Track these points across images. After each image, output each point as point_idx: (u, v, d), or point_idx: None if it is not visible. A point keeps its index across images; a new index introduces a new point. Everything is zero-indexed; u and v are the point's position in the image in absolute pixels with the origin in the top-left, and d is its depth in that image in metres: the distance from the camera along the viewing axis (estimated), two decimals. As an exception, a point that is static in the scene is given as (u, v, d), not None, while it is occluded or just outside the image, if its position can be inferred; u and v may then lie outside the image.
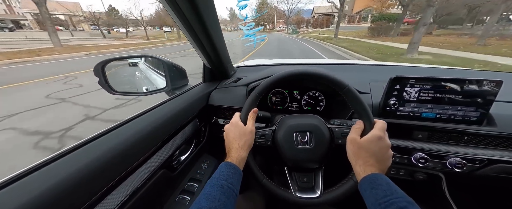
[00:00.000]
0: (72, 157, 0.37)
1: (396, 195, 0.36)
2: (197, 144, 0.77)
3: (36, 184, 0.31)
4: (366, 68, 1.00)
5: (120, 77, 1.06)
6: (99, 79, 0.65)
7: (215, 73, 0.93)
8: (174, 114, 0.63)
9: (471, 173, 0.57)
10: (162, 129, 0.56)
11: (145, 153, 0.49)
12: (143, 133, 0.50)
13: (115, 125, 0.49)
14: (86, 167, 0.36)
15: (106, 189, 0.39)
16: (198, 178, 0.72)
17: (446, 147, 0.59)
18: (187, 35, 0.61)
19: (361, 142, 0.45)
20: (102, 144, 0.42)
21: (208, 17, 0.54)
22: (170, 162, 0.61)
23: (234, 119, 0.55)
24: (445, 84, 0.55)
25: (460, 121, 0.57)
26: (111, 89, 0.68)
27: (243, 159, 0.49)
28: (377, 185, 0.38)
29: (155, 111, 0.60)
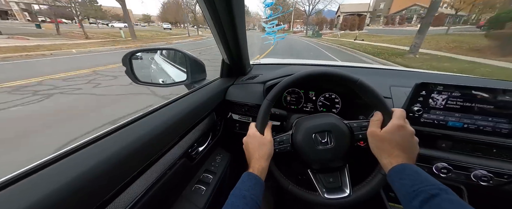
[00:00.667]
0: (94, 147, 0.37)
1: (426, 183, 0.34)
2: (213, 136, 0.79)
3: (68, 169, 0.32)
4: (386, 72, 0.97)
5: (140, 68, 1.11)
6: (126, 69, 0.69)
7: (232, 69, 0.94)
8: (194, 107, 0.64)
9: (498, 188, 0.55)
10: (184, 121, 0.58)
11: (169, 143, 0.51)
12: (169, 123, 0.52)
13: (142, 114, 0.51)
14: (115, 154, 0.37)
15: (132, 177, 0.40)
16: (213, 170, 0.74)
17: (471, 159, 0.57)
18: (213, 30, 0.63)
19: (382, 134, 0.44)
20: (130, 133, 0.43)
21: (237, 14, 0.55)
22: (190, 152, 0.64)
23: (251, 130, 0.55)
24: (476, 93, 0.53)
25: (490, 132, 0.54)
26: (136, 79, 0.71)
27: (264, 169, 0.49)
28: (405, 175, 0.37)
29: (177, 103, 0.63)
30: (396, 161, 0.41)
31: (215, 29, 0.61)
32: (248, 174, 0.47)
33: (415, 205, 0.33)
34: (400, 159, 0.41)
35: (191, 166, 0.64)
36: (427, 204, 0.31)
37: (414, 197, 0.33)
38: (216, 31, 0.62)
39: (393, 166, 0.40)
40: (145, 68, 1.67)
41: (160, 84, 0.80)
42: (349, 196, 0.50)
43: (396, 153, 0.42)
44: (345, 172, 0.55)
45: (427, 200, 0.32)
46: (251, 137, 0.54)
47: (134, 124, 0.46)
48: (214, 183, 0.69)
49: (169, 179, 0.52)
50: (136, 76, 0.71)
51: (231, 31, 0.61)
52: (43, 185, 0.28)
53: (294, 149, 0.55)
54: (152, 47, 0.73)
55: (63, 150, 0.35)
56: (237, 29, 0.61)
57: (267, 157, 0.51)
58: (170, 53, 1.32)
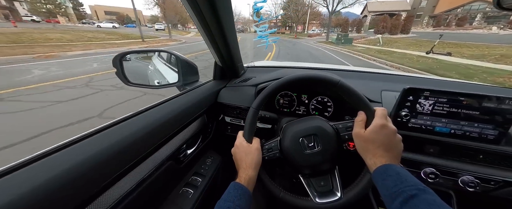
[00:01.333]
0: (84, 144, 0.38)
1: (406, 183, 0.34)
2: (203, 139, 0.79)
3: (53, 166, 0.32)
4: (378, 76, 0.97)
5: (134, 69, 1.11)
6: (117, 70, 0.69)
7: (225, 72, 0.95)
8: (184, 108, 0.64)
9: (485, 194, 0.55)
10: (172, 122, 0.58)
11: (154, 144, 0.51)
12: (155, 125, 0.52)
13: (128, 115, 0.51)
14: (97, 154, 0.37)
15: (115, 177, 0.40)
16: (202, 173, 0.73)
17: (459, 164, 0.57)
18: (202, 33, 0.63)
19: (366, 135, 0.45)
20: (115, 133, 0.43)
21: (225, 16, 0.56)
22: (177, 155, 0.63)
23: (238, 140, 0.55)
24: (462, 98, 0.53)
25: (476, 138, 0.54)
26: (127, 80, 0.72)
27: (252, 178, 0.49)
28: (387, 176, 0.37)
29: (166, 104, 0.62)
30: (379, 161, 0.41)
31: (203, 32, 0.62)
32: (234, 184, 0.46)
33: (396, 206, 0.33)
34: (383, 160, 0.41)
35: (179, 169, 0.63)
36: (406, 205, 0.31)
37: (395, 198, 0.33)
38: (205, 34, 0.62)
39: (377, 166, 0.40)
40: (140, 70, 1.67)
41: (151, 86, 0.80)
42: (340, 199, 0.50)
43: (380, 153, 0.42)
44: (335, 174, 0.54)
45: (407, 200, 0.32)
46: (237, 147, 0.54)
47: (121, 124, 0.47)
48: (203, 186, 0.68)
49: (154, 181, 0.52)
50: (127, 77, 0.71)
51: (219, 34, 0.62)
52: (27, 181, 0.29)
53: (283, 155, 0.55)
54: (143, 49, 0.74)
55: (48, 147, 0.35)
56: (225, 31, 0.61)
57: (254, 166, 0.50)
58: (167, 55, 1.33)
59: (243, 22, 67.13)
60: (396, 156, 0.43)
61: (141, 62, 1.70)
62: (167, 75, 1.18)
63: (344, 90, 0.50)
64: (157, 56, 1.78)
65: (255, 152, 0.52)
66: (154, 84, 1.19)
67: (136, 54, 0.85)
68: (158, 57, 1.75)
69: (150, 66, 1.79)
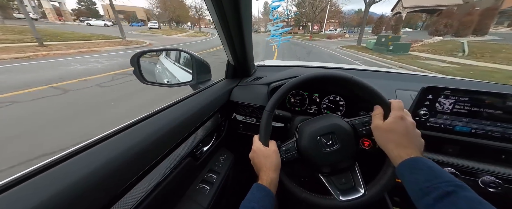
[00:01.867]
0: (98, 149, 0.37)
1: (441, 179, 0.32)
2: (217, 137, 0.80)
3: (72, 170, 0.31)
4: (392, 76, 0.96)
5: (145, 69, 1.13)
6: (134, 69, 0.70)
7: (237, 71, 0.95)
8: (200, 107, 0.65)
9: (507, 195, 0.54)
10: (189, 121, 0.59)
11: (173, 144, 0.52)
12: (175, 123, 0.52)
13: (143, 117, 0.50)
14: (113, 160, 0.36)
15: (138, 177, 0.40)
16: (217, 170, 0.74)
17: (479, 165, 0.56)
18: (220, 31, 0.64)
19: (386, 126, 0.43)
20: (130, 136, 0.43)
21: (245, 15, 0.56)
22: (195, 152, 0.64)
23: (255, 144, 0.55)
24: (485, 97, 0.52)
25: (499, 138, 0.53)
26: (144, 79, 0.73)
27: (273, 180, 0.48)
28: (416, 170, 0.35)
29: (184, 103, 0.63)
30: (405, 153, 0.39)
31: (222, 31, 0.62)
32: (257, 185, 0.46)
33: (429, 202, 0.31)
34: (409, 151, 0.39)
35: (196, 166, 0.64)
36: (442, 202, 0.29)
37: (427, 193, 0.31)
38: (223, 33, 0.63)
39: (403, 159, 0.38)
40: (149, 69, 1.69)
41: (165, 85, 0.81)
42: (364, 195, 0.49)
43: (404, 144, 0.40)
44: (356, 170, 0.54)
45: (442, 197, 0.30)
46: (255, 151, 0.54)
47: (140, 124, 0.47)
48: (218, 183, 0.69)
49: (174, 178, 0.53)
50: (144, 76, 0.72)
51: (237, 33, 0.62)
52: (46, 187, 0.28)
53: (301, 156, 0.55)
54: (160, 48, 0.76)
55: (68, 150, 0.34)
56: (243, 31, 0.61)
57: (275, 168, 0.50)
58: (176, 54, 1.35)
59: (254, 21, 60.73)
60: (418, 149, 0.40)
61: (148, 62, 1.72)
62: (177, 74, 1.19)
63: (358, 85, 0.50)
64: (165, 56, 1.80)
65: (273, 154, 0.52)
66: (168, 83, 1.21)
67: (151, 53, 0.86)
68: (166, 56, 1.78)
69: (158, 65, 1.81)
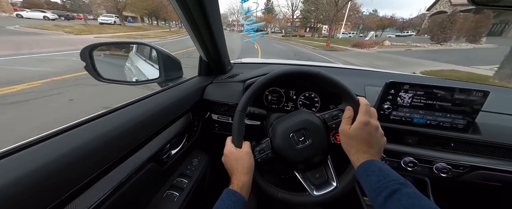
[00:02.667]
0: (51, 144, 0.34)
1: (389, 178, 0.36)
2: (189, 138, 0.74)
3: (10, 170, 0.28)
4: (362, 73, 1.02)
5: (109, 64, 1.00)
6: (86, 64, 0.61)
7: (211, 68, 0.90)
8: (166, 105, 0.60)
9: (455, 179, 0.60)
10: (153, 120, 0.53)
11: (133, 144, 0.46)
12: (133, 123, 0.47)
13: (103, 112, 0.46)
14: (67, 155, 0.33)
15: (85, 183, 0.36)
16: (188, 174, 0.69)
17: (433, 153, 0.61)
18: (187, 26, 0.59)
19: (351, 132, 0.46)
20: (87, 131, 0.39)
21: (211, 10, 0.53)
22: (160, 156, 0.58)
23: (227, 147, 0.54)
24: (436, 91, 0.57)
25: (448, 128, 0.59)
26: (99, 76, 0.64)
27: (245, 184, 0.47)
28: (370, 172, 0.39)
29: (146, 101, 0.57)
30: (362, 157, 0.42)
31: (189, 27, 0.58)
32: (227, 191, 0.45)
33: (380, 201, 0.34)
34: (366, 155, 0.42)
35: (162, 171, 0.58)
36: (390, 199, 0.33)
37: (379, 193, 0.35)
38: (190, 28, 0.58)
39: (360, 163, 0.42)
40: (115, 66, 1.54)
41: (128, 82, 0.73)
42: (337, 188, 0.50)
43: (363, 149, 0.43)
44: (329, 164, 0.55)
45: (390, 195, 0.33)
46: (227, 155, 0.53)
47: (90, 123, 0.42)
48: (189, 188, 0.64)
49: (134, 185, 0.47)
50: (99, 72, 0.63)
51: (206, 29, 0.59)
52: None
53: (276, 154, 0.54)
54: (117, 41, 0.66)
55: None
56: (212, 26, 0.58)
57: (247, 171, 0.49)
58: (145, 49, 1.23)
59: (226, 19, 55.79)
60: (378, 152, 0.44)
61: (115, 59, 1.56)
62: (147, 72, 1.09)
63: (326, 80, 0.52)
64: (136, 53, 1.65)
65: (246, 156, 0.51)
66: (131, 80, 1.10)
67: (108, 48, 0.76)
68: (136, 53, 1.63)
69: (127, 63, 1.65)
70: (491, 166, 0.58)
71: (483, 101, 0.54)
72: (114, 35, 14.68)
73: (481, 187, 0.62)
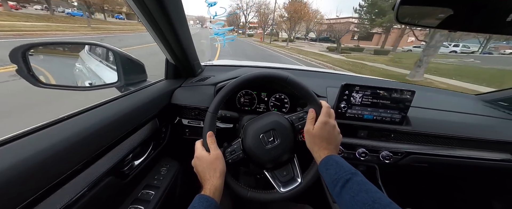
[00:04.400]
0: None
1: (343, 170, 0.41)
2: (155, 146, 0.69)
3: None
4: (325, 75, 1.13)
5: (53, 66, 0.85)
6: (18, 68, 0.51)
7: (179, 70, 0.87)
8: (127, 112, 0.55)
9: (396, 163, 0.72)
10: (111, 129, 0.48)
11: (86, 157, 0.41)
12: (86, 133, 0.42)
13: (51, 122, 0.40)
14: (8, 170, 0.29)
15: (33, 200, 0.31)
16: (156, 185, 0.64)
17: (380, 143, 0.73)
18: (148, 28, 0.55)
19: (314, 132, 0.51)
20: (32, 143, 0.34)
21: (174, 8, 0.51)
22: (120, 168, 0.53)
23: (197, 151, 0.53)
24: (379, 91, 0.68)
25: (389, 121, 0.71)
26: (37, 81, 0.54)
27: (218, 188, 0.47)
28: (329, 166, 0.44)
29: (103, 108, 0.51)
30: (323, 153, 0.48)
31: (150, 27, 0.54)
32: (200, 197, 0.44)
33: (337, 190, 0.39)
34: (326, 151, 0.48)
35: (123, 185, 0.53)
36: (344, 188, 0.38)
37: (336, 183, 0.40)
38: (152, 29, 0.55)
39: (321, 158, 0.47)
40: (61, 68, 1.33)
41: (77, 88, 0.63)
42: (301, 184, 0.54)
43: (324, 146, 0.49)
44: (295, 162, 0.59)
45: (344, 184, 0.38)
46: (198, 158, 0.52)
47: (36, 134, 0.37)
48: (157, 199, 0.60)
49: (90, 202, 0.42)
50: (36, 76, 0.53)
51: (168, 27, 0.56)
52: None
53: (247, 155, 0.56)
54: (62, 41, 0.55)
55: None
56: (176, 27, 0.56)
57: (219, 174, 0.49)
58: (103, 50, 1.09)
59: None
60: (335, 147, 0.51)
61: (62, 59, 1.33)
62: (104, 75, 0.97)
63: (294, 84, 0.56)
64: (88, 52, 1.44)
65: (217, 160, 0.50)
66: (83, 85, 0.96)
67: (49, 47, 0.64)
68: (89, 52, 1.42)
69: (78, 64, 1.43)
70: (419, 151, 0.72)
71: (411, 99, 0.68)
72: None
73: (415, 169, 0.76)
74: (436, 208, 1.00)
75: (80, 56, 1.51)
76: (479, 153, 0.74)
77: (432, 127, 0.73)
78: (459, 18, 0.47)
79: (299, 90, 0.57)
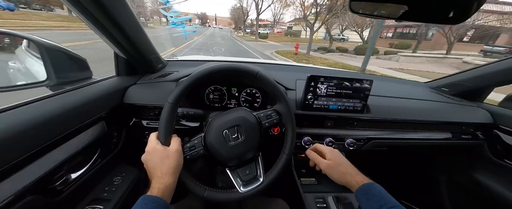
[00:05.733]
0: None
1: (389, 204, 0.42)
2: (104, 154, 0.60)
3: None
4: (294, 68, 1.14)
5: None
6: None
7: (134, 66, 0.76)
8: (57, 114, 0.45)
9: (359, 149, 0.76)
10: (29, 135, 0.39)
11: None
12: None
13: None
14: None
15: None
16: (106, 197, 0.56)
17: (345, 131, 0.76)
18: (78, 12, 0.45)
19: (333, 162, 0.56)
20: None
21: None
22: (48, 184, 0.44)
23: (150, 144, 0.47)
24: (342, 82, 0.70)
25: (352, 110, 0.74)
26: None
27: (169, 186, 0.43)
28: (371, 196, 0.45)
29: (20, 110, 0.41)
30: (360, 179, 0.51)
31: (83, 17, 0.46)
32: (143, 199, 0.39)
33: None
34: (360, 177, 0.52)
35: (55, 204, 0.44)
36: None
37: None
38: (86, 19, 0.46)
39: (359, 185, 0.49)
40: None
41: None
42: (262, 183, 0.52)
43: (354, 172, 0.53)
44: (259, 160, 0.57)
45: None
46: (150, 153, 0.46)
47: None
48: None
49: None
50: None
51: (106, 18, 0.48)
52: None
53: (208, 151, 0.52)
54: None
55: None
56: (114, 15, 0.47)
57: (173, 171, 0.44)
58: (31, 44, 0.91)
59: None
60: (358, 172, 0.54)
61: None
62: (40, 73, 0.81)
63: (264, 81, 0.55)
64: (26, 48, 1.20)
65: (174, 155, 0.46)
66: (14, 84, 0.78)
67: None
68: (28, 49, 1.19)
69: (11, 62, 1.18)
70: (378, 136, 0.77)
71: (370, 88, 0.71)
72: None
73: (376, 152, 0.82)
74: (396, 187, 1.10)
75: (16, 53, 1.26)
76: (427, 134, 0.82)
77: (389, 113, 0.78)
78: (410, 11, 0.50)
79: (269, 87, 0.56)
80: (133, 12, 0.54)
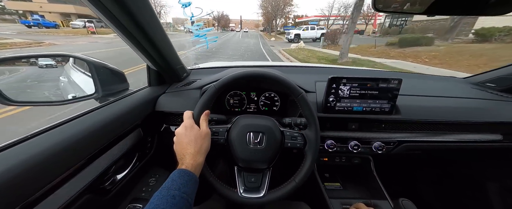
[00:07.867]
0: None
1: None
2: (141, 157, 0.67)
3: None
4: (312, 70, 1.12)
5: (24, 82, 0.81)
6: None
7: (163, 77, 0.84)
8: (104, 123, 0.52)
9: (389, 153, 0.71)
10: (87, 143, 0.46)
11: (58, 175, 0.38)
12: (58, 148, 0.39)
13: (20, 139, 0.38)
14: None
15: None
16: (144, 197, 0.62)
17: (371, 134, 0.72)
18: (119, 34, 0.52)
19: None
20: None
21: (143, 14, 0.48)
22: (100, 184, 0.50)
23: (188, 121, 0.50)
24: (367, 82, 0.67)
25: (379, 112, 0.70)
26: (5, 99, 0.51)
27: (200, 165, 0.46)
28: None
29: (76, 122, 0.48)
30: None
31: (121, 34, 0.52)
32: (179, 171, 0.42)
33: None
34: None
35: (105, 202, 0.50)
36: None
37: None
38: (123, 35, 0.52)
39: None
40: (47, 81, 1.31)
41: (51, 103, 0.60)
42: (263, 197, 0.53)
43: None
44: (267, 174, 0.58)
45: None
46: (187, 129, 0.48)
47: (2, 152, 0.35)
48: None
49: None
50: (4, 94, 0.50)
51: (141, 35, 0.53)
52: None
53: (227, 143, 0.55)
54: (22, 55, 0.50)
55: None
56: (148, 31, 0.53)
57: (204, 152, 0.47)
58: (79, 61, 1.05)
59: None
60: None
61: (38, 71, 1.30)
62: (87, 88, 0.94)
63: (303, 103, 0.55)
64: (72, 65, 1.40)
65: (206, 137, 0.49)
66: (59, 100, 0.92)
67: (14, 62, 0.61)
68: (74, 65, 1.38)
69: (63, 77, 1.39)
70: (411, 139, 0.71)
71: (399, 87, 0.67)
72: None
73: (407, 156, 0.76)
74: (433, 195, 0.99)
75: (64, 69, 1.47)
76: (471, 136, 0.73)
77: (422, 114, 0.72)
78: (443, 3, 0.46)
79: (305, 111, 0.56)
80: (163, 28, 0.60)
